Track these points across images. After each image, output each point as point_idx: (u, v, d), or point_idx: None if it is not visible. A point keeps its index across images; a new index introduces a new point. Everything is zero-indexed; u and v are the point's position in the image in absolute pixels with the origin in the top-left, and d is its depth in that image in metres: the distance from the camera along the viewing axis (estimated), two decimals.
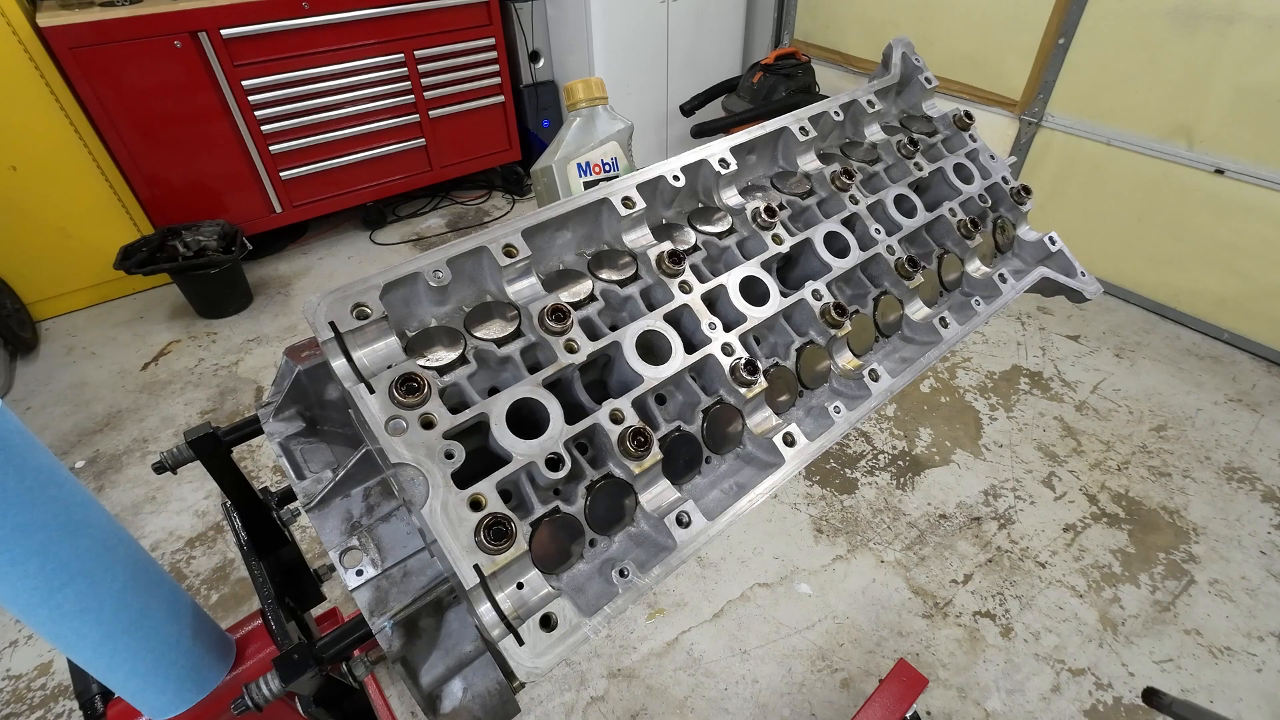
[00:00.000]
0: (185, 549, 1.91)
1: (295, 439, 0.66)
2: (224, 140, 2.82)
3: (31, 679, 1.62)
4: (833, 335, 0.74)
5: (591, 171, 0.89)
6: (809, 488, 2.05)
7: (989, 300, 0.85)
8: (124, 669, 0.63)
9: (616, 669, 1.61)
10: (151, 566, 0.66)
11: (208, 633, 0.71)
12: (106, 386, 2.51)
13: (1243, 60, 2.22)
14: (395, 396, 0.52)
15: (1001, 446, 2.18)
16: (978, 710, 1.52)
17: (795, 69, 3.12)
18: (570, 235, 0.70)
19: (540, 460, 0.54)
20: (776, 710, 1.54)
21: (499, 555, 0.49)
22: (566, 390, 0.62)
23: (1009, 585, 1.78)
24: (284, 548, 0.83)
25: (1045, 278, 0.91)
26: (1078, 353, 2.58)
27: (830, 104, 0.89)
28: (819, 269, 0.77)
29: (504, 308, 0.62)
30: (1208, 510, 1.96)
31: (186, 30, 2.54)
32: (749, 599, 1.76)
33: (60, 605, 0.56)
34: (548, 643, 0.48)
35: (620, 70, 3.32)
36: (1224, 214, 2.43)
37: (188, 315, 2.88)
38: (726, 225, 0.77)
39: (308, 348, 0.63)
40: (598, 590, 0.55)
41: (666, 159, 0.74)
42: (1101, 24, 2.51)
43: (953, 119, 0.99)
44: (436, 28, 3.08)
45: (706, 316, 0.67)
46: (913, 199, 0.87)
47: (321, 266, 3.25)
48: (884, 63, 0.99)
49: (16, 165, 2.52)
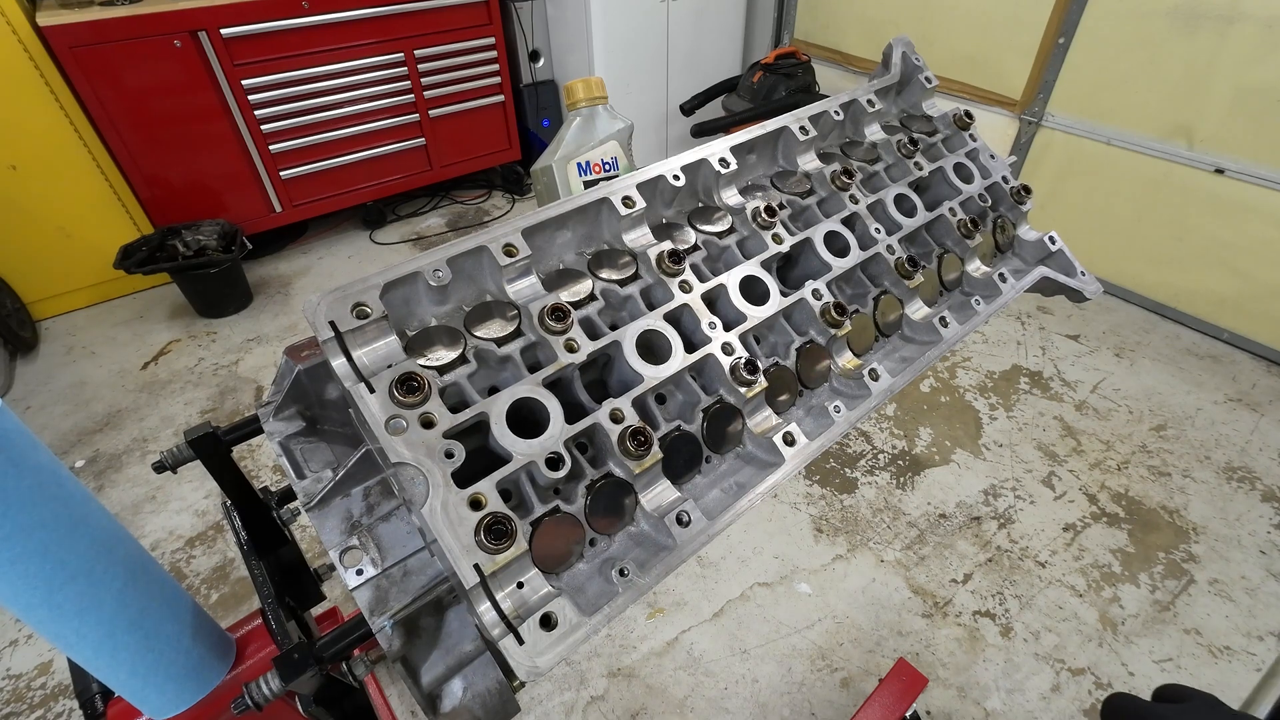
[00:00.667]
0: (185, 548, 1.91)
1: (295, 438, 0.66)
2: (224, 140, 2.82)
3: (31, 678, 1.62)
4: (833, 335, 0.74)
5: (591, 171, 0.89)
6: (809, 487, 2.05)
7: (989, 300, 0.85)
8: (124, 668, 0.63)
9: (616, 668, 1.61)
10: (151, 566, 0.66)
11: (208, 632, 0.71)
12: (106, 386, 2.51)
13: (1243, 60, 2.22)
14: (395, 396, 0.52)
15: (1001, 446, 2.19)
16: (977, 710, 1.52)
17: (795, 68, 3.12)
18: (570, 235, 0.70)
19: (540, 460, 0.54)
20: (776, 710, 1.54)
21: (499, 555, 0.49)
22: (566, 390, 0.62)
23: (1009, 585, 1.78)
24: (284, 547, 0.83)
25: (1045, 277, 0.91)
26: (1078, 352, 2.58)
27: (830, 103, 0.88)
28: (819, 268, 0.77)
29: (504, 307, 0.62)
30: (1207, 510, 1.96)
31: (186, 30, 2.54)
32: (749, 598, 1.76)
33: (60, 604, 0.56)
34: (548, 642, 0.48)
35: (620, 70, 3.32)
36: (1224, 214, 2.43)
37: (187, 315, 2.88)
38: (726, 225, 0.76)
39: (307, 347, 0.63)
40: (598, 590, 0.55)
41: (666, 158, 0.73)
42: (1101, 24, 2.51)
43: (953, 118, 0.98)
44: (436, 27, 3.08)
45: (706, 316, 0.67)
46: (913, 198, 0.86)
47: (321, 266, 3.25)
48: (884, 62, 0.98)
49: (16, 164, 2.52)
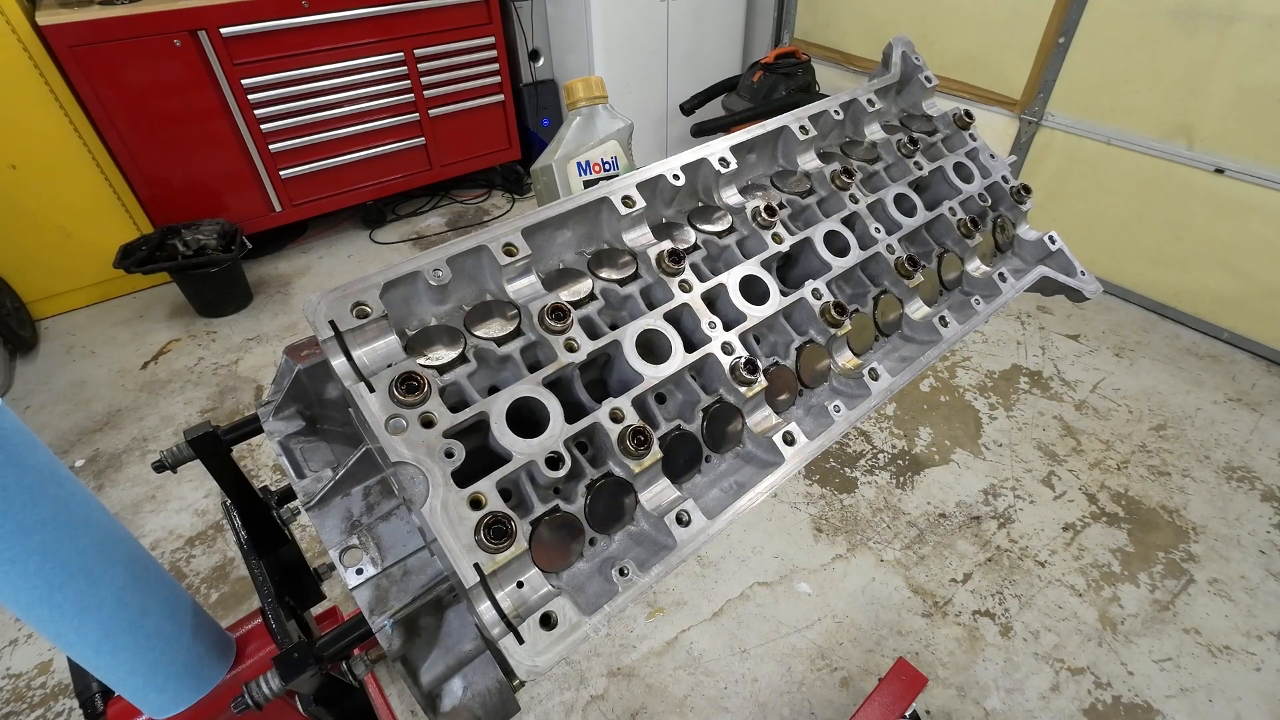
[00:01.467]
0: (185, 548, 1.91)
1: (295, 438, 0.66)
2: (223, 139, 2.82)
3: (32, 677, 1.62)
4: (832, 334, 0.74)
5: (591, 170, 0.89)
6: (809, 487, 2.05)
7: (989, 299, 0.85)
8: (124, 667, 0.63)
9: (616, 668, 1.61)
10: (151, 565, 0.66)
11: (207, 631, 0.71)
12: (106, 385, 2.51)
13: (1243, 59, 2.22)
14: (395, 395, 0.52)
15: (1001, 446, 2.19)
16: (977, 709, 1.53)
17: (795, 68, 3.12)
18: (570, 234, 0.70)
19: (540, 459, 0.54)
20: (776, 709, 1.54)
21: (499, 554, 0.49)
22: (566, 389, 0.62)
23: (1008, 584, 1.78)
24: (284, 546, 0.83)
25: (1045, 277, 0.91)
26: (1077, 352, 2.58)
27: (830, 103, 0.89)
28: (819, 268, 0.77)
29: (504, 307, 0.62)
30: (1207, 509, 1.96)
31: (186, 29, 2.54)
32: (749, 598, 1.76)
33: (60, 604, 0.56)
34: (548, 641, 0.48)
35: (620, 69, 3.32)
36: (1224, 213, 2.43)
37: (187, 314, 2.88)
38: (726, 224, 0.77)
39: (307, 347, 0.63)
40: (598, 589, 0.55)
41: (666, 158, 0.73)
42: (1102, 23, 2.51)
43: (953, 118, 0.98)
44: (436, 26, 3.08)
45: (706, 315, 0.67)
46: (913, 198, 0.87)
47: (321, 265, 3.25)
48: (884, 61, 0.99)
49: (16, 164, 2.52)
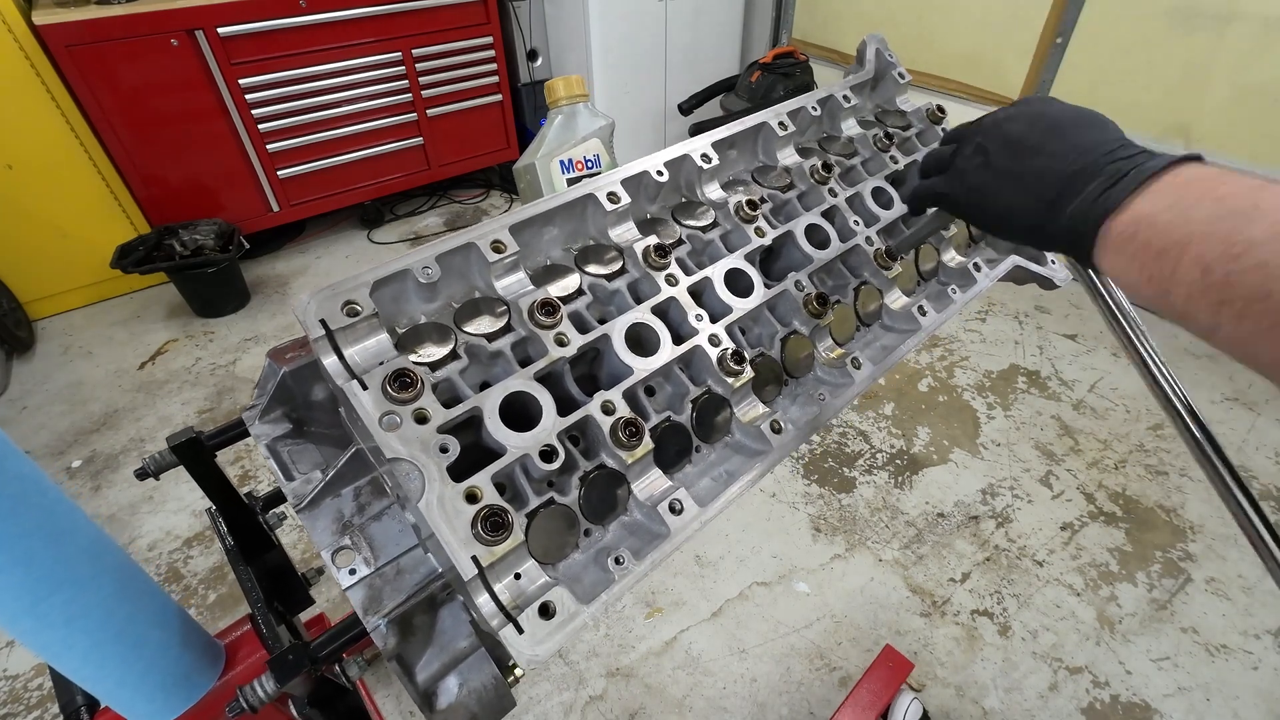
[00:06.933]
0: (183, 548, 1.90)
1: (282, 441, 0.66)
2: (221, 139, 2.81)
3: (29, 679, 1.62)
4: (816, 325, 0.75)
5: (574, 168, 0.90)
6: (807, 486, 2.05)
7: (965, 288, 0.87)
8: (112, 677, 0.62)
9: (615, 668, 1.61)
10: (138, 574, 0.65)
11: (196, 639, 0.70)
12: (103, 386, 2.51)
13: (1240, 59, 2.22)
14: (388, 392, 0.52)
15: (999, 445, 2.19)
16: (975, 709, 1.52)
17: (793, 68, 3.12)
18: (557, 231, 0.71)
19: (534, 452, 0.54)
20: (775, 709, 1.53)
21: (496, 546, 0.49)
22: (558, 383, 0.62)
23: (1007, 584, 1.78)
24: (270, 551, 0.83)
25: (1017, 266, 0.93)
26: (1075, 351, 2.58)
27: (808, 99, 0.90)
28: (801, 260, 0.79)
29: (493, 303, 0.62)
30: (1205, 509, 1.96)
31: (183, 28, 2.53)
32: (747, 598, 1.76)
33: (46, 614, 0.55)
34: (547, 630, 0.48)
35: (618, 69, 3.32)
36: None
37: (185, 314, 2.87)
38: (710, 219, 0.78)
39: (291, 349, 0.63)
40: (594, 578, 0.56)
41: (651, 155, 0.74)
42: (1099, 23, 2.51)
43: (926, 113, 1.00)
44: (434, 26, 3.07)
45: (693, 308, 0.68)
46: (889, 191, 0.88)
47: (319, 265, 3.24)
48: (858, 58, 1.01)
49: (13, 164, 2.51)
